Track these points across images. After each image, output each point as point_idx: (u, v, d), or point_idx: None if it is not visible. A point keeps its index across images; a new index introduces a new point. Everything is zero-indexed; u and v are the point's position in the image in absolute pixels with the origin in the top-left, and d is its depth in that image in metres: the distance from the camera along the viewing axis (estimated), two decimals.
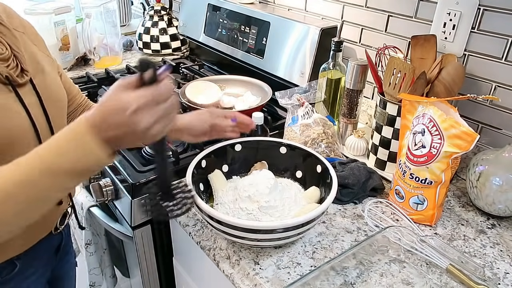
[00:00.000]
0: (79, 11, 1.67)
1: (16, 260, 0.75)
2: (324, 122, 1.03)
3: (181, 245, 1.04)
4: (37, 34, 0.80)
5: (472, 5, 0.94)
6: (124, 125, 0.51)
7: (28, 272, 0.79)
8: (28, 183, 0.51)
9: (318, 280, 0.70)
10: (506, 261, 0.78)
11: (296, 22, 1.27)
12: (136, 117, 0.51)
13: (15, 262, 0.75)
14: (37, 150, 0.53)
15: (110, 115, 0.52)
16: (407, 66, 0.91)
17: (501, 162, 0.85)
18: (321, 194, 0.84)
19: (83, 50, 1.63)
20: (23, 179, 0.51)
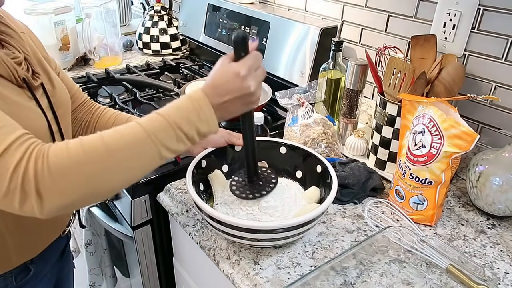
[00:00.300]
0: (79, 11, 1.67)
1: (30, 264, 0.76)
2: (324, 122, 1.03)
3: (181, 245, 1.04)
4: (34, 35, 0.80)
5: (472, 5, 0.94)
6: (237, 90, 0.61)
7: (40, 275, 0.80)
8: (145, 135, 0.56)
9: (318, 280, 0.70)
10: (506, 261, 0.78)
11: (296, 22, 1.27)
12: (246, 82, 0.61)
13: (29, 266, 0.76)
14: (156, 111, 0.59)
15: (223, 83, 0.61)
16: (407, 66, 0.91)
17: (501, 162, 0.85)
18: (321, 194, 0.84)
19: (83, 50, 1.63)
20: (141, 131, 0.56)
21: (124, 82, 1.43)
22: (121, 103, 1.30)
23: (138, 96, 1.33)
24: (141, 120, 0.58)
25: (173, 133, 0.58)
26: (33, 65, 0.69)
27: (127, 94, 1.41)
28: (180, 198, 0.92)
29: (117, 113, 0.89)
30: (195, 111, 0.60)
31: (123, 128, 0.57)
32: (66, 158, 0.52)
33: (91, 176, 0.53)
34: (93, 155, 0.53)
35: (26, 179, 0.51)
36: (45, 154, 0.52)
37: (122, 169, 0.56)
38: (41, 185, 0.51)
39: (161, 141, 0.57)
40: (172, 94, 1.38)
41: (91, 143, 0.54)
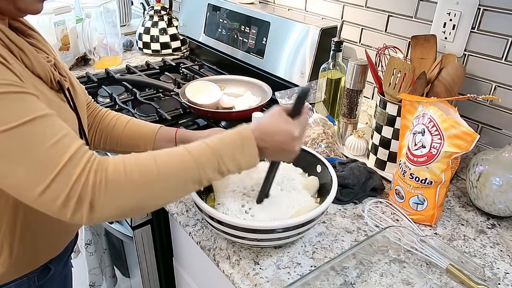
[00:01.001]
0: (79, 11, 1.67)
1: (50, 264, 0.77)
2: (324, 122, 1.03)
3: (181, 245, 1.04)
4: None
5: (472, 5, 0.94)
6: (284, 144, 0.66)
7: (56, 275, 0.81)
8: (194, 165, 0.60)
9: (318, 280, 0.70)
10: (506, 261, 0.78)
11: (296, 22, 1.27)
12: (296, 142, 0.67)
13: (49, 266, 0.77)
14: (204, 141, 0.63)
15: (275, 134, 0.66)
16: (407, 66, 0.91)
17: (501, 162, 0.85)
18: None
19: (83, 50, 1.63)
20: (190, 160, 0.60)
21: (124, 82, 1.43)
22: (121, 103, 1.30)
23: (138, 96, 1.33)
24: (191, 149, 0.61)
25: (217, 165, 0.62)
26: (60, 69, 0.71)
27: (127, 94, 1.41)
28: (180, 198, 0.92)
29: (118, 115, 0.90)
30: (241, 149, 0.64)
31: (174, 153, 0.60)
32: (124, 176, 0.55)
33: (140, 197, 0.57)
34: (147, 177, 0.57)
35: (85, 189, 0.53)
36: (104, 168, 0.55)
37: (168, 193, 0.60)
38: (96, 197, 0.53)
39: (205, 171, 0.61)
40: (172, 94, 1.38)
41: (146, 164, 0.57)
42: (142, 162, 0.57)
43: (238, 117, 1.17)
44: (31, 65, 0.61)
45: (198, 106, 1.20)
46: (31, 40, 0.67)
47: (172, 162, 0.59)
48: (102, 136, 0.88)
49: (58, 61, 0.72)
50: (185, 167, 0.60)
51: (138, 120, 0.90)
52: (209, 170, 0.61)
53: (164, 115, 1.20)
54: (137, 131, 0.87)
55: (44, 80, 0.64)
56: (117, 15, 1.70)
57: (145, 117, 1.23)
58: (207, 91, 1.28)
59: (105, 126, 0.88)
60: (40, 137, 0.53)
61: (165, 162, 0.59)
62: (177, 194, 0.62)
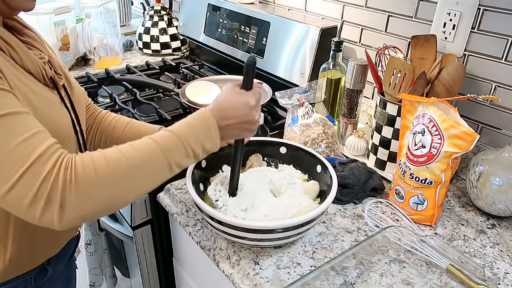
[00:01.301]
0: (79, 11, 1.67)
1: (47, 266, 0.77)
2: (324, 122, 1.03)
3: (181, 245, 1.04)
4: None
5: (472, 5, 0.94)
6: (243, 116, 0.68)
7: (55, 276, 0.80)
8: (161, 152, 0.60)
9: (318, 280, 0.70)
10: (506, 261, 0.78)
11: (296, 22, 1.27)
12: (254, 111, 0.69)
13: (46, 267, 0.77)
14: (166, 128, 0.64)
15: (232, 108, 0.67)
16: (407, 66, 0.91)
17: (501, 162, 0.85)
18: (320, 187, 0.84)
19: (83, 50, 1.63)
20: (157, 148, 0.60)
21: (124, 82, 1.43)
22: (121, 103, 1.30)
23: (138, 96, 1.33)
24: (155, 138, 0.61)
25: (183, 149, 0.63)
26: (55, 67, 0.71)
27: (127, 94, 1.41)
28: (180, 198, 0.92)
29: (118, 117, 0.90)
30: (203, 130, 0.65)
31: (140, 144, 0.60)
32: (93, 172, 0.54)
33: (113, 192, 0.56)
34: (117, 171, 0.56)
35: (54, 189, 0.51)
36: (73, 165, 0.53)
37: (140, 184, 0.59)
38: (67, 196, 0.52)
39: (173, 157, 0.61)
40: (172, 94, 1.38)
41: (115, 159, 0.56)
42: (110, 156, 0.57)
43: None
44: (20, 60, 0.61)
45: (198, 106, 1.20)
46: (25, 38, 0.68)
47: (139, 152, 0.59)
48: (102, 138, 0.88)
49: (53, 59, 0.72)
50: (153, 156, 0.60)
51: (137, 122, 0.90)
52: (176, 155, 0.62)
53: (164, 115, 1.20)
54: (137, 132, 0.87)
55: (35, 76, 0.64)
56: (117, 15, 1.70)
57: (145, 117, 1.23)
58: (207, 91, 1.28)
59: (105, 128, 0.88)
60: (7, 134, 0.51)
61: (132, 153, 0.58)
62: (149, 184, 0.61)
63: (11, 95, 0.55)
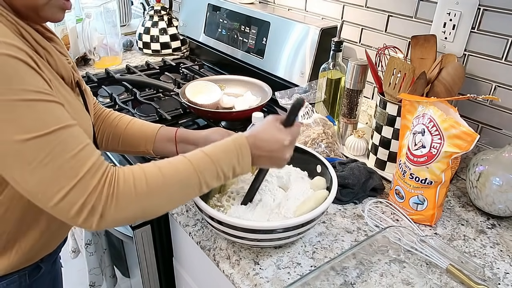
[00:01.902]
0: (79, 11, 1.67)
1: (41, 263, 0.77)
2: (324, 122, 1.03)
3: (181, 245, 1.04)
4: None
5: (472, 5, 0.94)
6: (275, 151, 0.69)
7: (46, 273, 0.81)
8: (194, 173, 0.63)
9: (318, 280, 0.70)
10: (506, 261, 0.78)
11: (296, 22, 1.27)
12: (286, 149, 0.70)
13: (40, 265, 0.77)
14: (201, 149, 0.66)
15: (267, 142, 0.68)
16: (407, 66, 0.91)
17: (501, 162, 0.85)
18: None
19: (83, 50, 1.63)
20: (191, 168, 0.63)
21: (124, 82, 1.43)
22: (121, 103, 1.30)
23: (138, 96, 1.33)
24: (191, 158, 0.64)
25: (215, 172, 0.65)
26: (76, 71, 0.72)
27: (127, 94, 1.41)
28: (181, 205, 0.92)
29: (121, 115, 0.91)
30: (236, 155, 0.67)
31: (177, 162, 0.64)
32: (133, 188, 0.59)
33: (147, 206, 0.61)
34: (153, 187, 0.60)
35: (98, 200, 0.56)
36: (115, 181, 0.58)
37: (171, 200, 0.64)
38: (107, 208, 0.57)
39: (205, 178, 0.64)
40: (172, 94, 1.38)
41: (152, 175, 0.61)
42: (150, 173, 0.61)
43: (238, 117, 1.17)
44: (56, 66, 0.63)
45: (198, 106, 1.20)
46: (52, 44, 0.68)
47: (175, 171, 0.62)
48: (104, 136, 0.88)
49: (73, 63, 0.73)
50: (187, 176, 0.63)
51: (139, 120, 0.91)
52: (208, 177, 0.64)
53: (164, 115, 1.20)
54: (138, 130, 0.88)
55: (66, 81, 0.65)
56: (117, 15, 1.70)
57: (145, 117, 1.23)
58: (207, 91, 1.28)
59: (107, 126, 0.88)
60: (62, 148, 0.55)
61: (169, 172, 0.62)
62: (179, 201, 0.66)
63: (62, 107, 0.57)
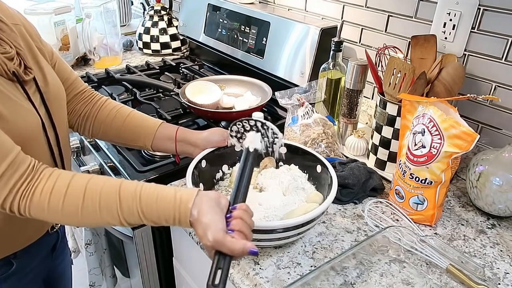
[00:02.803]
0: (79, 11, 1.67)
1: (12, 259, 0.75)
2: (324, 122, 1.03)
3: (181, 245, 1.04)
4: (29, 23, 0.77)
5: (472, 5, 0.94)
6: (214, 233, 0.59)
7: (25, 271, 0.79)
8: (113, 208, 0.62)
9: (318, 280, 0.70)
10: (506, 261, 0.78)
11: (296, 22, 1.27)
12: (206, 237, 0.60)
13: (11, 261, 0.75)
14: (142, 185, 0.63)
15: (210, 223, 0.59)
16: (407, 66, 0.91)
17: (501, 162, 0.85)
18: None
19: (83, 50, 1.63)
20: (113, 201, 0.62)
21: (124, 82, 1.43)
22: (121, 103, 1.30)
23: (138, 96, 1.33)
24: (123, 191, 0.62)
25: (138, 218, 0.63)
26: (25, 60, 0.69)
27: (127, 94, 1.41)
28: None
29: (119, 106, 0.88)
30: (171, 217, 0.62)
31: (105, 192, 0.62)
32: (46, 205, 0.61)
33: (59, 221, 0.67)
34: (67, 211, 0.62)
35: (13, 208, 0.61)
36: (29, 197, 0.61)
37: (84, 223, 0.65)
38: (24, 209, 0.62)
39: (126, 218, 0.62)
40: (172, 94, 1.38)
41: (72, 197, 0.61)
42: (71, 192, 0.62)
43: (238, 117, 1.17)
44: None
45: (198, 106, 1.20)
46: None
47: (97, 199, 0.62)
48: (101, 127, 0.86)
49: (24, 51, 0.70)
50: (108, 209, 0.62)
51: (139, 114, 0.87)
52: (129, 218, 0.63)
53: (164, 115, 1.20)
54: (138, 125, 0.85)
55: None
56: (117, 15, 1.70)
57: None
58: (207, 91, 1.28)
59: (104, 117, 0.86)
60: None
61: (91, 197, 0.62)
62: (93, 225, 0.71)
63: None
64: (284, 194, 0.84)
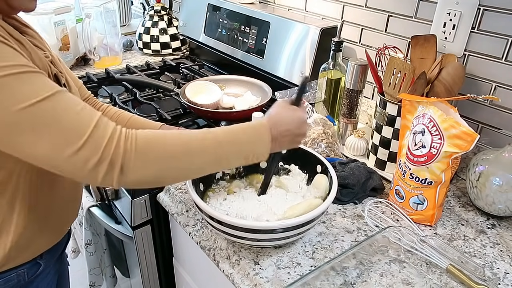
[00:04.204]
0: (79, 11, 1.67)
1: (39, 260, 0.77)
2: (324, 122, 1.03)
3: (181, 245, 1.04)
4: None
5: (472, 5, 0.94)
6: (297, 129, 0.71)
7: (46, 271, 0.81)
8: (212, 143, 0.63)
9: (318, 280, 0.70)
10: (506, 261, 0.78)
11: (296, 22, 1.27)
12: (305, 126, 0.73)
13: (39, 262, 0.77)
14: (225, 126, 0.66)
15: (289, 123, 0.70)
16: (407, 66, 0.91)
17: (501, 162, 0.85)
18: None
19: (83, 50, 1.63)
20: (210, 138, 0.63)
21: (124, 82, 1.43)
22: (121, 103, 1.30)
23: (138, 96, 1.33)
24: (213, 131, 0.65)
25: (236, 149, 0.65)
26: (56, 65, 0.71)
27: (127, 94, 1.41)
28: (180, 198, 0.92)
29: (119, 112, 0.90)
30: (257, 137, 0.67)
31: (198, 133, 0.64)
32: (152, 145, 0.59)
33: (163, 168, 0.60)
34: (171, 151, 0.60)
35: (116, 153, 0.56)
36: (134, 137, 0.58)
37: (189, 168, 0.63)
38: (127, 162, 0.56)
39: (225, 152, 0.64)
40: (172, 94, 1.38)
41: (172, 139, 0.61)
42: (170, 136, 0.61)
43: (238, 117, 1.17)
44: (31, 57, 0.62)
45: (198, 106, 1.20)
46: (27, 37, 0.68)
47: (195, 139, 0.62)
48: None
49: (54, 57, 0.73)
50: (207, 146, 0.63)
51: (139, 118, 0.90)
52: (228, 152, 0.64)
53: (164, 115, 1.20)
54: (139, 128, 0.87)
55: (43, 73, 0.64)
56: (117, 15, 1.70)
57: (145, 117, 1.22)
58: (207, 91, 1.28)
59: None
60: (65, 108, 0.55)
61: (189, 138, 0.62)
62: (197, 171, 0.65)
63: (47, 78, 0.58)
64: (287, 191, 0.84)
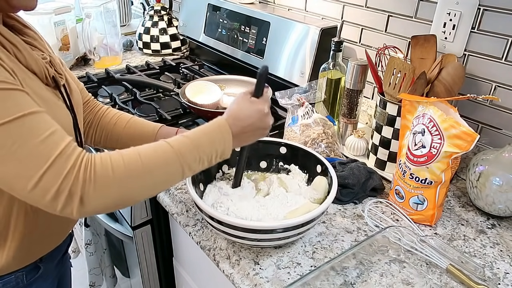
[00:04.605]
0: (79, 11, 1.67)
1: (39, 263, 0.77)
2: (324, 122, 1.03)
3: (181, 245, 1.04)
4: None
5: (472, 5, 0.94)
6: (258, 122, 0.71)
7: (46, 274, 0.81)
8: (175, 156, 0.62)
9: (318, 280, 0.70)
10: (506, 261, 0.78)
11: (296, 22, 1.27)
12: (267, 118, 0.72)
13: (38, 265, 0.77)
14: (182, 134, 0.66)
15: (248, 117, 0.70)
16: (407, 66, 0.91)
17: (501, 162, 0.85)
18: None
19: (83, 50, 1.63)
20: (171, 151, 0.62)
21: (124, 82, 1.43)
22: (121, 103, 1.30)
23: (138, 96, 1.33)
24: (171, 141, 0.64)
25: (196, 155, 0.64)
26: (56, 66, 0.71)
27: (127, 94, 1.41)
28: (180, 198, 0.92)
29: (119, 113, 0.90)
30: (218, 137, 0.67)
31: (156, 147, 0.63)
32: (111, 171, 0.57)
33: (127, 190, 0.59)
34: (132, 172, 0.59)
35: (75, 184, 0.55)
36: (93, 164, 0.57)
37: (152, 185, 0.62)
38: (86, 192, 0.55)
39: (186, 161, 0.63)
40: (172, 94, 1.38)
41: (131, 159, 0.59)
42: (128, 156, 0.59)
43: None
44: (25, 61, 0.62)
45: (198, 106, 1.20)
46: (26, 38, 0.68)
47: (155, 155, 0.61)
48: (102, 134, 0.88)
49: (54, 58, 0.72)
50: (167, 159, 0.62)
51: (139, 119, 0.90)
52: (189, 160, 0.64)
53: (164, 115, 1.20)
54: (139, 129, 0.87)
55: (38, 76, 0.65)
56: (117, 15, 1.69)
57: (145, 117, 1.23)
58: (207, 91, 1.28)
59: (105, 124, 0.88)
60: (29, 134, 0.54)
61: (148, 155, 0.61)
62: (161, 185, 0.64)
63: (26, 95, 0.57)
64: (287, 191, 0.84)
